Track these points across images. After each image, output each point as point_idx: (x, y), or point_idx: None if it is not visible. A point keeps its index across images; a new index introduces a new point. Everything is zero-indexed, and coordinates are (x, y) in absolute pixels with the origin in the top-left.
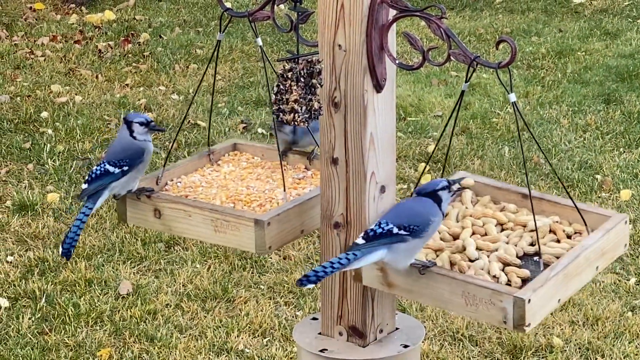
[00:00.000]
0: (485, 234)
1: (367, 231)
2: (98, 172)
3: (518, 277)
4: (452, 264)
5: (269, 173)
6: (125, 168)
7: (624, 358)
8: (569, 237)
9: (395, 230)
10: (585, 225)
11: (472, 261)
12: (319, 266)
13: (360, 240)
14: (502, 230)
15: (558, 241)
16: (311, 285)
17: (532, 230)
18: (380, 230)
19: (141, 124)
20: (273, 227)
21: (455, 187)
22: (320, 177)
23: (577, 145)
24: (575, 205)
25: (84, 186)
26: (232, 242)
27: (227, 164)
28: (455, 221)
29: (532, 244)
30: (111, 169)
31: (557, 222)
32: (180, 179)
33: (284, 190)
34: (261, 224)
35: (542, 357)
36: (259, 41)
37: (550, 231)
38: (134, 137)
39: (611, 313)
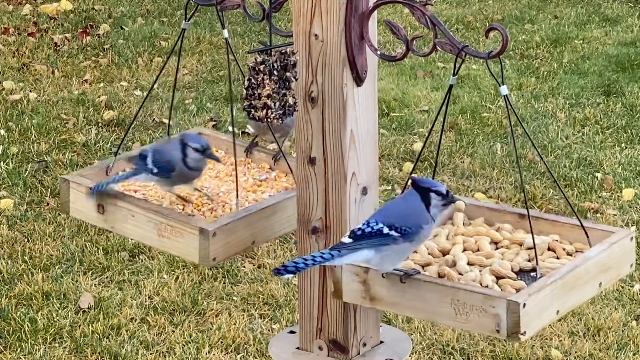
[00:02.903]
0: (478, 250)
1: (354, 230)
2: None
3: (512, 287)
4: (440, 276)
5: (230, 170)
6: (155, 170)
7: None
8: (569, 255)
9: (386, 230)
10: (587, 237)
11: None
12: (299, 258)
13: (346, 239)
14: (497, 248)
15: (558, 258)
16: (289, 276)
17: (529, 248)
18: (370, 229)
19: (196, 149)
20: (219, 238)
21: (450, 197)
22: (296, 178)
23: (575, 141)
24: (572, 209)
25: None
26: (175, 250)
27: None
28: (445, 239)
29: (529, 261)
30: (150, 165)
31: (556, 240)
32: None
33: (237, 197)
34: (206, 233)
35: None
36: (225, 33)
37: (549, 249)
38: (186, 162)
39: (614, 322)
